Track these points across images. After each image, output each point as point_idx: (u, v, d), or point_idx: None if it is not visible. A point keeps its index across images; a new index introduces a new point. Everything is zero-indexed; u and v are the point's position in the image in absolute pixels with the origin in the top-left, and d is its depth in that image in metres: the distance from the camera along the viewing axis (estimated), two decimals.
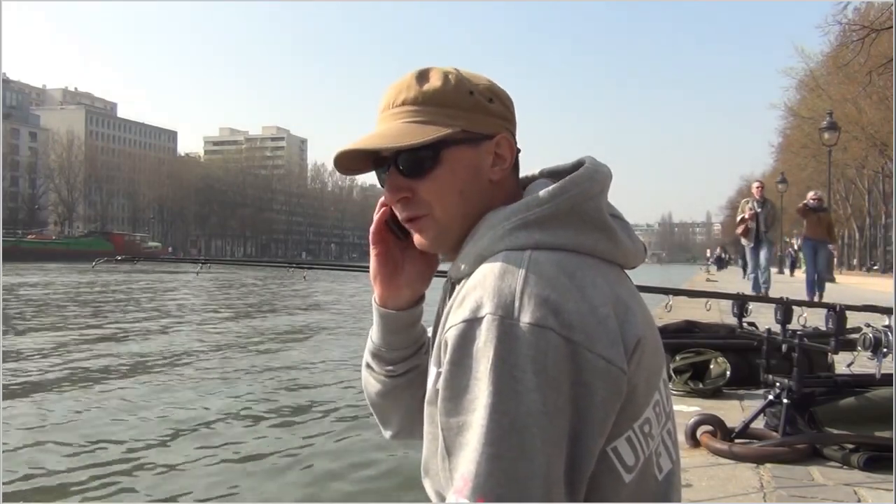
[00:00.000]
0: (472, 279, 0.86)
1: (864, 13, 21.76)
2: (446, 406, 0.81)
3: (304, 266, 2.94)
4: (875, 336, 2.85)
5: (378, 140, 0.95)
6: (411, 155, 0.94)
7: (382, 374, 1.13)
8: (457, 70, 0.98)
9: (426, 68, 0.98)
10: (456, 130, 0.94)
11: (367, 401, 1.19)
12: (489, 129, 0.96)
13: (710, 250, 60.40)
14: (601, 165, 0.96)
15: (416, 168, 0.94)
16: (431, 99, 0.95)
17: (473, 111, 0.95)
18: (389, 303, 1.09)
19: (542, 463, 0.76)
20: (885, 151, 31.20)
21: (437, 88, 0.95)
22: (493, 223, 0.91)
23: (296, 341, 12.64)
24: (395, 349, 1.11)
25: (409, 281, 1.08)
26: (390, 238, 1.07)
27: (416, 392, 1.12)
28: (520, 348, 0.78)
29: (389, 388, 1.14)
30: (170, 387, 8.23)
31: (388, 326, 1.10)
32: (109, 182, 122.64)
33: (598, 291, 0.84)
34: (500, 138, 0.96)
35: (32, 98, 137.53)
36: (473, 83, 0.97)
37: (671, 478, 0.93)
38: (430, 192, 0.95)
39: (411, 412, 1.14)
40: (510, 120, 0.99)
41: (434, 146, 0.93)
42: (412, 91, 0.96)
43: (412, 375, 1.13)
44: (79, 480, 4.94)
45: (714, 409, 3.64)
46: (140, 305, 19.78)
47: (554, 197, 0.90)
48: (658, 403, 0.90)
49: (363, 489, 4.83)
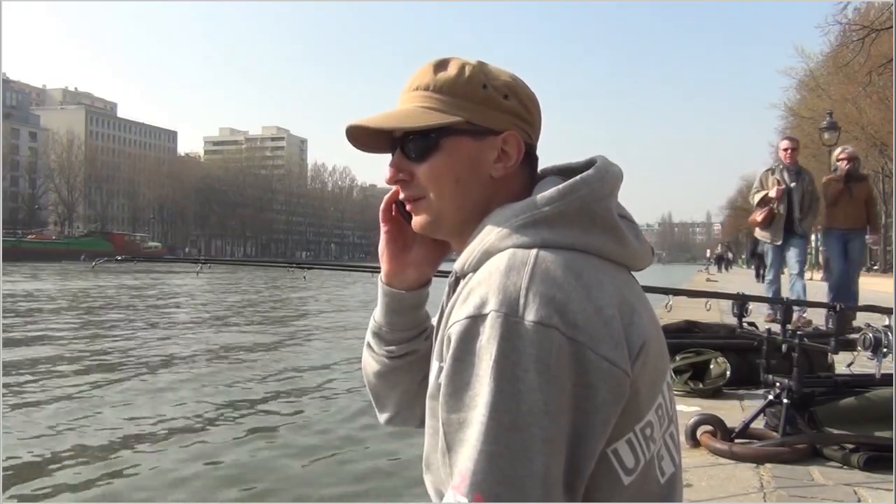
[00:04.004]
0: (478, 275, 0.86)
1: (864, 13, 21.74)
2: (447, 402, 0.81)
3: (305, 266, 2.95)
4: (875, 336, 2.85)
5: (381, 119, 0.98)
6: (416, 139, 0.96)
7: (382, 355, 1.14)
8: (479, 63, 0.98)
9: (447, 58, 0.99)
10: (459, 120, 0.94)
11: (365, 382, 1.19)
12: (497, 124, 0.96)
13: (711, 250, 60.34)
14: (612, 165, 0.95)
15: (418, 152, 0.97)
16: (442, 87, 0.96)
17: (483, 104, 0.95)
18: (395, 281, 1.10)
19: (541, 463, 0.75)
20: (885, 151, 31.20)
21: (450, 78, 0.96)
22: (500, 219, 0.91)
23: (295, 342, 12.64)
24: (397, 330, 1.12)
25: (417, 262, 1.09)
26: (399, 218, 1.08)
27: (414, 377, 1.13)
28: (523, 347, 0.77)
29: (387, 369, 1.14)
30: (170, 387, 8.21)
31: (391, 306, 1.11)
32: (109, 182, 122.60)
33: (604, 292, 0.84)
34: (508, 135, 0.96)
35: (32, 98, 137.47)
36: (491, 77, 0.97)
37: (674, 481, 0.92)
38: (426, 176, 0.97)
39: (407, 397, 1.15)
40: (527, 120, 0.98)
41: (436, 133, 0.95)
42: (426, 77, 0.98)
43: (411, 359, 1.13)
44: (79, 480, 4.93)
45: (714, 409, 3.64)
46: (140, 306, 19.78)
47: (563, 196, 0.89)
48: (661, 406, 0.90)
49: (363, 489, 4.83)
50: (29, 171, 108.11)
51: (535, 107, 1.00)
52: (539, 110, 1.01)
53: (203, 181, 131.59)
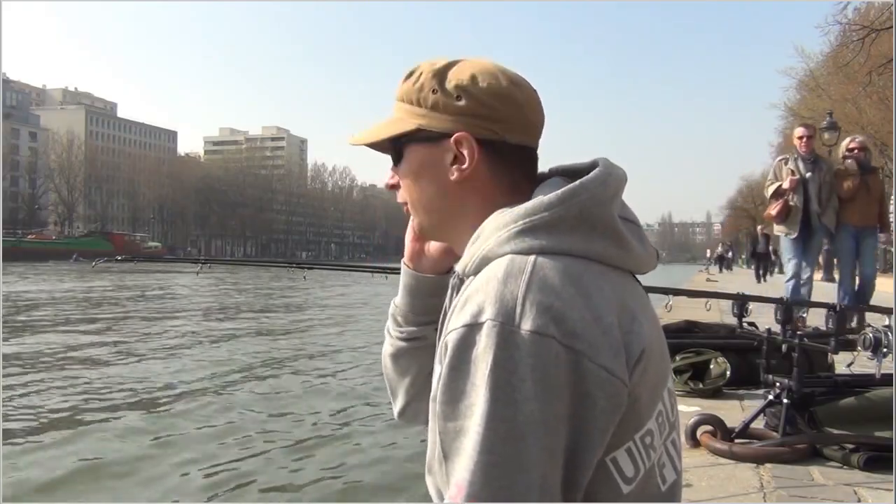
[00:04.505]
0: (476, 282, 0.85)
1: (864, 13, 21.74)
2: (444, 410, 0.80)
3: (305, 266, 2.95)
4: (875, 336, 2.85)
5: (360, 135, 1.05)
6: (394, 147, 1.01)
7: (396, 337, 1.16)
8: (438, 65, 0.97)
9: (416, 66, 1.00)
10: (412, 129, 0.97)
11: (383, 370, 1.21)
12: (449, 127, 0.94)
13: (711, 250, 60.25)
14: (615, 168, 0.93)
15: (396, 160, 1.02)
16: (403, 97, 0.99)
17: (434, 109, 0.95)
18: (415, 264, 1.13)
19: (537, 473, 0.75)
20: (886, 151, 31.17)
21: (407, 87, 0.98)
22: (499, 224, 0.89)
23: (295, 340, 12.65)
24: (412, 313, 1.14)
25: (437, 248, 1.11)
26: None
27: (423, 366, 1.13)
28: (520, 356, 0.77)
29: (399, 352, 1.16)
30: (170, 384, 8.23)
31: (410, 287, 1.14)
32: (109, 182, 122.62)
33: (603, 299, 0.82)
34: (459, 136, 0.93)
35: (32, 98, 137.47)
36: (445, 80, 0.95)
37: (675, 489, 0.92)
38: (402, 183, 1.02)
39: (416, 387, 1.15)
40: (489, 117, 0.94)
41: (396, 142, 0.99)
42: (398, 88, 1.01)
43: (419, 344, 1.14)
44: (79, 481, 4.94)
45: (714, 409, 3.64)
46: (138, 307, 19.78)
47: (563, 201, 0.87)
48: (661, 414, 0.89)
49: (363, 490, 4.83)
50: (29, 171, 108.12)
51: (506, 101, 0.94)
52: (517, 104, 0.95)
53: (203, 181, 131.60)
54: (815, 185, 7.00)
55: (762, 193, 8.21)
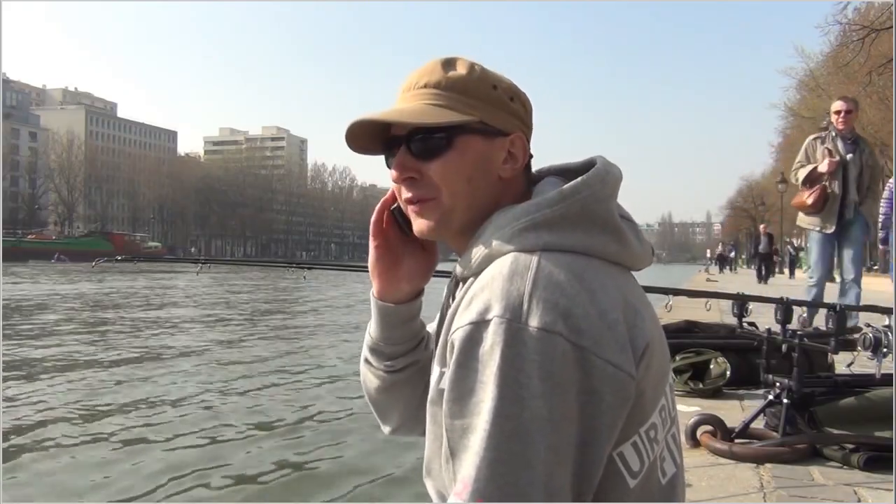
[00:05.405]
0: (481, 280, 0.86)
1: (864, 13, 21.76)
2: (451, 408, 0.80)
3: (305, 266, 2.94)
4: (875, 336, 2.85)
5: (397, 114, 0.95)
6: (425, 136, 0.94)
7: (381, 370, 1.13)
8: (476, 64, 0.99)
9: (453, 57, 0.99)
10: (474, 119, 0.94)
11: (366, 396, 1.18)
12: (506, 125, 0.96)
13: (711, 250, 60.23)
14: (612, 167, 0.95)
15: (428, 150, 0.94)
16: (454, 85, 0.95)
17: (494, 105, 0.96)
18: (388, 297, 1.08)
19: (542, 471, 0.75)
20: (885, 151, 31.16)
21: (462, 76, 0.96)
22: (501, 223, 0.90)
23: (294, 340, 12.64)
24: (395, 344, 1.11)
25: (409, 275, 1.08)
26: (391, 231, 1.07)
27: (416, 387, 1.12)
28: (527, 353, 0.77)
29: (389, 383, 1.13)
30: (169, 387, 8.22)
31: (387, 321, 1.10)
32: (109, 182, 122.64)
33: (607, 295, 0.83)
34: (515, 137, 0.97)
35: (32, 98, 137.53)
36: (497, 79, 0.98)
37: (675, 481, 0.92)
38: (438, 174, 0.94)
39: (410, 407, 1.14)
40: (527, 123, 1.00)
41: (448, 131, 0.94)
42: (436, 75, 0.96)
43: (412, 371, 1.12)
44: (79, 480, 4.93)
45: (714, 409, 3.64)
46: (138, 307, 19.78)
47: (564, 198, 0.89)
48: (664, 408, 0.90)
49: (362, 490, 4.82)
50: (29, 171, 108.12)
51: (532, 111, 1.02)
52: (532, 114, 1.02)
53: (203, 181, 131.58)
54: (856, 168, 5.96)
55: (762, 193, 7.63)
